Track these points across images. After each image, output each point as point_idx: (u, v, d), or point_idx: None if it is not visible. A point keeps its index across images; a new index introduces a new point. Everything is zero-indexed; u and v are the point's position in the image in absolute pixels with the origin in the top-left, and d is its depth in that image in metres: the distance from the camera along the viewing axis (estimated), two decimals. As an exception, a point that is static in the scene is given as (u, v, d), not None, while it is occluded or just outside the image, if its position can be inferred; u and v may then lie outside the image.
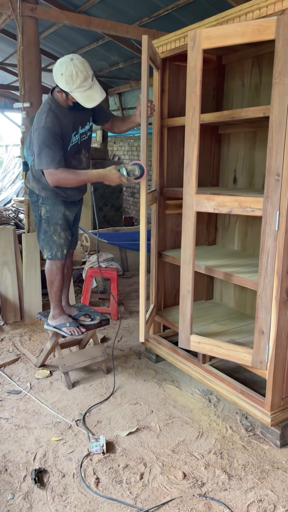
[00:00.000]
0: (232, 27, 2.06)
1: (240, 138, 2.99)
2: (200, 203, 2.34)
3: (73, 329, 2.62)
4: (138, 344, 3.40)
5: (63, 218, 2.52)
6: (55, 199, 2.47)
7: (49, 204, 2.48)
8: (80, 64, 2.19)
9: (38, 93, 4.23)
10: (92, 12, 5.83)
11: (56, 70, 2.20)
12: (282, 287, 2.09)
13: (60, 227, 2.52)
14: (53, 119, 2.24)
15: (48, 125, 2.22)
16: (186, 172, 2.37)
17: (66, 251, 2.58)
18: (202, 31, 2.16)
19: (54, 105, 2.29)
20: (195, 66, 2.23)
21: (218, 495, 1.92)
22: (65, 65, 2.16)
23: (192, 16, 5.10)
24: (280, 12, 1.92)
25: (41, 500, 1.89)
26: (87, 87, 2.20)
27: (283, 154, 1.97)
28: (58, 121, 2.26)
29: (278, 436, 2.22)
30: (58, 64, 2.20)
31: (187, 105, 2.30)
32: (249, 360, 2.27)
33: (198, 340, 2.48)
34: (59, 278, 2.61)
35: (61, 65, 2.17)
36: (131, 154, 9.35)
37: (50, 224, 2.51)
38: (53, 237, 2.52)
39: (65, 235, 2.55)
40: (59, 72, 2.18)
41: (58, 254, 2.55)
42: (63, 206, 2.51)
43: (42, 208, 2.50)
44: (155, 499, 1.89)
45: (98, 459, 2.13)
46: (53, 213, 2.49)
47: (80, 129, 2.40)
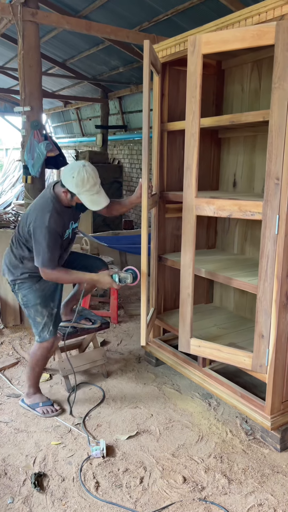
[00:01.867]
0: (231, 32, 2.08)
1: (240, 142, 3.00)
2: (200, 207, 2.35)
3: (47, 409, 2.49)
4: (138, 348, 3.40)
5: (41, 296, 2.43)
6: (29, 279, 2.42)
7: (24, 288, 2.43)
8: (91, 171, 2.25)
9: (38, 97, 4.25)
10: (92, 17, 5.87)
11: (67, 172, 2.24)
12: (282, 290, 2.09)
13: (39, 306, 2.42)
14: (56, 220, 2.25)
15: (52, 226, 2.23)
16: (186, 176, 2.37)
17: (53, 328, 2.46)
18: (202, 36, 2.17)
19: (56, 204, 2.29)
20: (195, 70, 2.24)
21: (218, 499, 1.91)
22: (78, 169, 2.22)
23: (192, 21, 5.13)
24: (280, 18, 1.94)
25: (40, 504, 1.89)
26: (94, 192, 2.27)
27: (282, 158, 1.98)
28: (60, 221, 2.28)
29: (278, 440, 2.22)
30: (70, 167, 2.25)
31: (187, 110, 2.31)
32: (249, 364, 2.27)
33: (198, 344, 2.48)
34: (41, 364, 2.51)
35: (73, 169, 2.23)
36: (131, 157, 9.37)
37: (29, 307, 2.44)
38: (37, 319, 2.44)
39: (48, 311, 2.44)
40: (70, 174, 2.22)
41: (46, 335, 2.45)
42: (39, 284, 2.43)
43: (19, 294, 2.46)
44: (155, 503, 1.89)
45: (98, 463, 2.13)
46: (30, 296, 2.43)
47: (72, 224, 2.42)
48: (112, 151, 9.98)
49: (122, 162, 9.68)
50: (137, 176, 9.19)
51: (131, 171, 9.42)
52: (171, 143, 2.92)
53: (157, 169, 2.87)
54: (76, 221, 2.50)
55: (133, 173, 9.35)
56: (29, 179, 4.28)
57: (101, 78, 8.45)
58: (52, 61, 8.21)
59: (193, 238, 2.40)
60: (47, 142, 4.16)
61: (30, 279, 2.42)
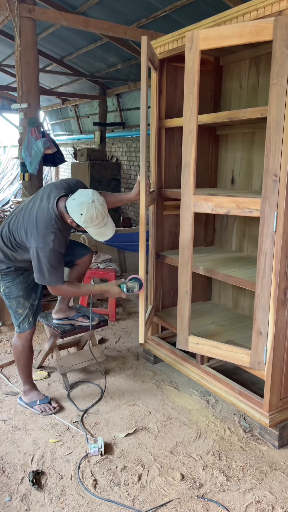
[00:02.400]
0: (229, 28, 2.06)
1: (238, 139, 2.99)
2: (198, 204, 2.34)
3: (44, 407, 2.49)
4: (136, 345, 3.40)
5: (24, 288, 2.43)
6: (14, 274, 2.41)
7: (7, 281, 2.41)
8: (100, 207, 2.17)
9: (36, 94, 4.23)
10: (90, 13, 5.84)
11: (75, 207, 2.15)
12: (280, 288, 2.09)
13: (22, 298, 2.43)
14: (60, 240, 2.21)
15: (56, 247, 2.19)
16: (184, 173, 2.37)
17: (32, 319, 2.47)
18: (199, 32, 2.16)
19: (59, 223, 2.21)
20: (193, 67, 2.23)
21: (216, 497, 1.91)
22: (86, 207, 2.13)
23: (190, 17, 5.11)
24: (278, 13, 1.93)
25: (38, 502, 1.88)
26: (102, 225, 2.22)
27: (280, 155, 1.97)
28: (63, 240, 2.24)
29: (276, 437, 2.22)
30: (79, 203, 2.14)
31: (184, 106, 2.30)
32: (247, 361, 2.27)
33: (196, 341, 2.48)
34: (25, 355, 2.49)
35: (82, 205, 2.13)
36: (129, 155, 9.35)
37: (11, 298, 2.43)
38: (18, 311, 2.44)
39: (30, 302, 2.45)
40: (79, 211, 2.14)
41: (25, 325, 2.45)
42: (23, 276, 2.42)
43: (1, 285, 2.43)
44: (153, 501, 1.89)
45: (96, 460, 2.13)
46: (12, 288, 2.41)
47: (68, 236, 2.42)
48: (110, 149, 9.96)
49: (120, 160, 9.66)
50: (135, 173, 9.18)
51: (129, 168, 9.40)
52: (169, 140, 2.91)
53: (155, 166, 2.86)
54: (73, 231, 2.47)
55: (131, 171, 9.34)
56: (26, 177, 4.27)
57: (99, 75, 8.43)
58: (50, 58, 8.17)
59: (191, 236, 2.39)
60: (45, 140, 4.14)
61: (14, 272, 2.40)
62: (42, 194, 2.31)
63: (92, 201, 2.14)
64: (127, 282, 2.39)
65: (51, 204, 2.22)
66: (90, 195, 2.16)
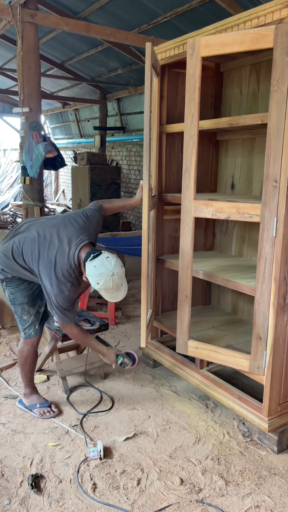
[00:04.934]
0: (230, 35, 2.09)
1: (238, 145, 3.01)
2: (198, 209, 2.35)
3: (44, 410, 2.49)
4: (135, 349, 3.39)
5: (28, 295, 2.42)
6: (19, 281, 2.39)
7: (12, 287, 2.40)
8: (119, 280, 2.12)
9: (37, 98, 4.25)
10: (91, 19, 5.87)
11: (94, 274, 2.10)
12: (280, 293, 2.10)
13: (27, 304, 2.42)
14: (75, 289, 2.26)
15: (72, 295, 2.24)
16: (184, 178, 2.38)
17: (39, 326, 2.47)
18: (201, 39, 2.18)
19: (77, 273, 2.22)
20: (194, 73, 2.25)
21: (215, 501, 1.91)
22: (104, 279, 2.08)
23: (191, 24, 5.14)
24: (278, 21, 1.95)
25: (37, 505, 1.88)
26: (115, 291, 2.17)
27: (281, 161, 1.99)
28: (77, 288, 2.29)
29: (275, 442, 2.22)
30: (99, 273, 2.08)
31: (186, 112, 2.32)
32: (246, 366, 2.27)
33: (195, 346, 2.48)
34: (30, 361, 2.50)
35: (101, 276, 2.08)
36: (129, 159, 9.38)
37: (16, 305, 2.42)
38: (23, 317, 2.44)
39: (35, 309, 2.45)
40: (96, 280, 2.09)
41: (31, 332, 2.45)
42: (27, 283, 2.40)
43: (6, 290, 2.42)
44: (152, 505, 1.89)
45: (95, 464, 2.13)
46: (17, 294, 2.40)
47: None
48: (110, 153, 9.99)
49: (120, 164, 9.68)
50: (135, 177, 9.20)
51: (129, 172, 9.42)
52: (170, 145, 2.93)
53: (156, 171, 2.87)
54: None
55: (131, 175, 9.36)
56: (27, 180, 4.28)
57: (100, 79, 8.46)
58: (51, 62, 8.21)
59: (191, 240, 2.41)
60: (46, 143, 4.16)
61: (19, 279, 2.39)
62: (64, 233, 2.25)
63: (111, 274, 2.08)
64: (125, 357, 2.47)
65: (72, 252, 2.19)
66: (112, 268, 2.09)
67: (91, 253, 2.14)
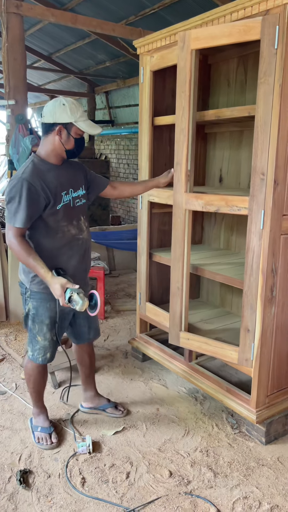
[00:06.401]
0: (219, 28, 2.07)
1: (226, 138, 3.00)
2: (189, 202, 2.36)
3: (42, 436, 2.24)
4: (124, 343, 3.39)
5: (51, 317, 2.12)
6: (45, 293, 2.07)
7: (37, 300, 2.11)
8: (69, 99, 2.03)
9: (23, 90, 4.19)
10: (78, 10, 5.80)
11: (55, 107, 1.99)
12: (267, 285, 2.11)
13: (46, 327, 2.13)
14: (32, 170, 1.98)
15: (26, 175, 1.95)
16: (176, 171, 2.38)
17: (50, 355, 2.20)
18: (191, 32, 2.17)
19: (37, 159, 2.03)
20: (185, 66, 2.24)
21: (204, 493, 1.93)
22: (60, 99, 2.01)
23: (179, 15, 5.11)
24: (265, 12, 1.93)
25: (26, 501, 1.87)
26: (86, 118, 2.05)
27: (268, 154, 1.99)
28: (39, 173, 2.00)
29: (263, 433, 2.24)
30: (53, 101, 2.01)
31: (177, 105, 2.32)
32: (235, 358, 2.28)
33: (187, 337, 2.50)
34: (34, 379, 2.26)
35: (56, 101, 2.01)
36: (118, 152, 9.32)
37: (35, 322, 2.14)
38: (37, 337, 2.16)
39: (51, 336, 2.16)
40: (59, 106, 1.98)
41: (38, 357, 2.18)
42: (54, 302, 2.08)
43: (29, 303, 2.14)
44: (141, 498, 1.89)
45: (84, 459, 2.12)
46: (40, 310, 2.12)
47: (71, 192, 2.10)
48: (99, 146, 9.92)
49: (109, 157, 9.63)
50: (124, 171, 9.16)
51: (118, 166, 9.37)
52: (158, 137, 2.90)
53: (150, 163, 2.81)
54: (78, 189, 2.14)
55: (120, 168, 9.32)
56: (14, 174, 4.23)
57: (88, 72, 8.38)
58: (38, 54, 8.10)
59: (182, 233, 2.42)
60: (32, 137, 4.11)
61: (46, 294, 2.07)
62: None
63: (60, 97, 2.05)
64: (75, 293, 1.91)
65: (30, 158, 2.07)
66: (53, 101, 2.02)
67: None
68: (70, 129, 2.01)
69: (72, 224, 2.10)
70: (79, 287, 1.94)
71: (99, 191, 2.32)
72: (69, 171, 2.13)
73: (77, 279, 2.09)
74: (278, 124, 1.94)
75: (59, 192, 2.04)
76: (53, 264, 2.02)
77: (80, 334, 2.34)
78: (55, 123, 1.99)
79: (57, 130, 2.00)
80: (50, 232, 2.05)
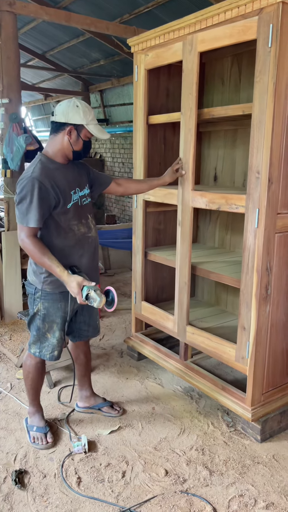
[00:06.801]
0: (221, 29, 2.10)
1: (220, 137, 3.00)
2: (195, 199, 2.41)
3: (37, 436, 2.23)
4: (120, 343, 3.39)
5: (62, 317, 2.14)
6: (57, 293, 2.10)
7: (48, 300, 2.11)
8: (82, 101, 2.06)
9: (17, 89, 4.17)
10: (72, 8, 5.77)
11: (68, 106, 2.00)
12: (262, 283, 2.11)
13: (56, 325, 2.14)
14: (41, 169, 1.97)
15: (36, 174, 1.94)
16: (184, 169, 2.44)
17: (57, 353, 2.19)
18: (198, 35, 2.23)
19: (44, 158, 2.03)
20: (192, 68, 2.29)
21: (199, 491, 1.93)
22: (73, 101, 2.01)
23: (173, 14, 5.09)
24: (259, 10, 1.93)
25: (21, 501, 1.87)
26: (96, 122, 2.08)
27: (262, 152, 1.99)
28: (48, 172, 1.99)
29: (258, 431, 2.25)
30: (67, 102, 2.02)
31: (184, 106, 2.37)
32: (233, 355, 2.30)
33: (192, 331, 2.56)
34: (32, 376, 2.25)
35: (70, 102, 2.01)
36: (113, 151, 9.31)
37: (45, 321, 2.13)
38: (47, 335, 2.15)
39: (60, 335, 2.17)
40: (73, 107, 1.99)
41: (46, 354, 2.17)
42: (65, 301, 2.11)
43: (39, 303, 2.12)
44: (137, 497, 1.89)
45: (80, 458, 2.12)
46: (51, 310, 2.12)
47: (78, 190, 2.11)
48: (94, 145, 9.89)
49: (104, 156, 9.60)
50: (119, 170, 9.14)
51: (113, 165, 9.36)
52: (152, 136, 2.90)
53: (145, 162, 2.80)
54: (83, 188, 2.15)
55: (115, 167, 9.30)
56: (8, 173, 4.20)
57: (82, 71, 8.34)
58: (32, 52, 8.06)
59: (189, 229, 2.47)
60: (26, 135, 4.09)
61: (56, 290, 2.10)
62: None
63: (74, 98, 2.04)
64: (92, 290, 1.92)
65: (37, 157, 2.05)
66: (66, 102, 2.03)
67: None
68: (81, 131, 2.04)
69: (81, 222, 2.12)
70: (95, 284, 1.96)
71: (102, 189, 2.33)
72: (75, 170, 2.14)
73: (90, 277, 2.10)
74: (272, 122, 1.94)
75: (68, 191, 2.05)
76: (66, 263, 2.03)
77: (79, 331, 2.34)
78: (66, 123, 2.01)
79: (67, 130, 2.02)
80: (61, 231, 2.06)
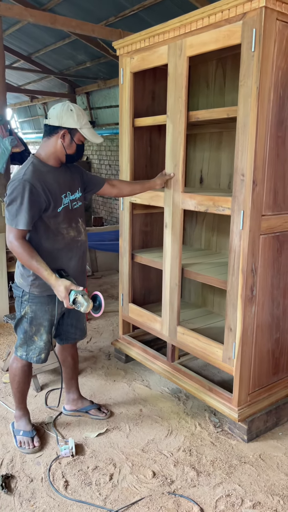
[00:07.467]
0: (208, 34, 2.12)
1: (206, 139, 3.03)
2: (184, 201, 2.43)
3: (24, 440, 2.21)
4: (107, 345, 3.39)
5: (49, 320, 2.14)
6: (45, 296, 2.09)
7: (36, 303, 2.10)
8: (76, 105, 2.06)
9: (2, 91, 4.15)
10: (57, 10, 5.77)
11: (62, 110, 1.99)
12: (247, 285, 2.13)
13: (44, 328, 2.14)
14: (33, 172, 1.96)
15: (27, 177, 1.93)
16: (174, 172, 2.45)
17: (44, 356, 2.18)
18: (186, 41, 2.25)
19: (36, 160, 2.02)
20: (182, 73, 2.31)
21: (187, 492, 1.94)
22: (67, 104, 2.01)
23: (158, 17, 5.13)
24: (242, 15, 1.96)
25: (8, 506, 1.85)
26: (90, 126, 2.07)
27: (247, 155, 2.01)
28: (40, 175, 1.98)
29: (245, 431, 2.27)
30: (61, 105, 2.01)
31: (173, 109, 2.38)
32: (220, 356, 2.31)
33: (182, 331, 2.56)
34: (19, 379, 2.23)
35: (64, 105, 2.01)
36: (100, 153, 9.30)
37: (32, 324, 2.13)
38: (34, 337, 2.14)
39: (48, 338, 2.16)
40: (66, 110, 1.99)
41: (33, 357, 2.16)
42: (52, 305, 2.11)
43: (26, 306, 2.11)
44: (124, 499, 1.89)
45: (67, 462, 2.11)
46: (39, 313, 2.11)
47: (69, 194, 2.10)
48: (80, 147, 9.87)
49: (90, 158, 9.59)
50: (106, 172, 9.14)
51: (100, 167, 9.35)
52: (138, 139, 2.91)
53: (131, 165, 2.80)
54: (75, 192, 2.14)
55: (102, 169, 9.29)
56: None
57: (68, 72, 8.33)
58: (17, 54, 8.01)
59: (180, 231, 2.48)
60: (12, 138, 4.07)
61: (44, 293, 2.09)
62: None
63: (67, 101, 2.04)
64: (80, 296, 1.92)
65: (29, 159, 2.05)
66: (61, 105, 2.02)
67: None
68: (74, 135, 2.03)
69: (71, 226, 2.12)
70: (83, 289, 1.96)
71: (96, 190, 2.33)
72: (67, 174, 2.14)
73: (77, 281, 2.11)
74: (256, 125, 1.97)
75: (59, 195, 2.05)
76: (54, 266, 2.03)
77: (66, 334, 2.34)
78: (60, 126, 2.00)
79: (61, 134, 2.01)
80: (50, 234, 2.05)
